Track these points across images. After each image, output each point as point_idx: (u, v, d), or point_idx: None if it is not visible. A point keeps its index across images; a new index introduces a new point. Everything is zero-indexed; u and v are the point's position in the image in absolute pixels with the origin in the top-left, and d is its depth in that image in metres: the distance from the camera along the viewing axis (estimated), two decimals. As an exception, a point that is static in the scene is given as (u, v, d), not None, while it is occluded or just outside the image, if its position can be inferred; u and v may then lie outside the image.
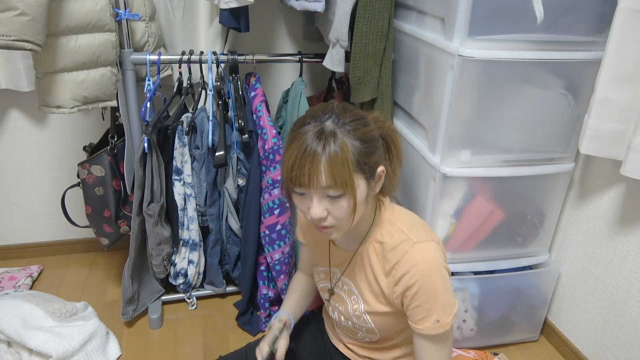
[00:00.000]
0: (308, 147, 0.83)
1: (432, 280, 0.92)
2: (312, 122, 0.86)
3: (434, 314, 0.92)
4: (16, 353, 1.50)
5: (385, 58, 1.49)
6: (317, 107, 0.91)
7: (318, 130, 0.84)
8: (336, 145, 0.83)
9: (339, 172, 0.83)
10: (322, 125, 0.85)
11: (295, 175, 0.84)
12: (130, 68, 1.54)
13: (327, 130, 0.84)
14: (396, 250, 0.94)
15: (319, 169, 0.82)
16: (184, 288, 1.81)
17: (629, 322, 1.42)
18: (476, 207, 1.47)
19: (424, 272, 0.91)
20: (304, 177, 0.83)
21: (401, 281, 0.93)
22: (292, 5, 1.54)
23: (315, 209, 0.87)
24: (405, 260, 0.92)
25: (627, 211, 1.40)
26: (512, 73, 1.30)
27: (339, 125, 0.85)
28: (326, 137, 0.83)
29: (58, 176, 2.00)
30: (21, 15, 1.19)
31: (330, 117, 0.87)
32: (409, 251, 0.93)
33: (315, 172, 0.83)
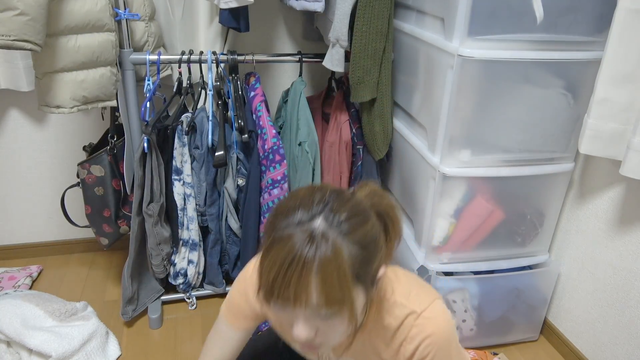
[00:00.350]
0: (295, 257, 0.65)
1: (449, 344, 0.84)
2: (300, 215, 0.68)
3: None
4: (16, 353, 1.50)
5: (385, 58, 1.49)
6: (306, 194, 0.72)
7: (307, 235, 0.66)
8: (331, 255, 0.65)
9: (333, 289, 0.66)
10: (311, 224, 0.67)
11: (278, 290, 0.66)
12: (130, 68, 1.54)
13: (318, 234, 0.66)
14: (402, 328, 0.84)
15: (309, 285, 0.65)
16: (183, 288, 1.81)
17: (629, 322, 1.42)
18: (476, 207, 1.47)
19: (439, 342, 0.83)
20: (289, 293, 0.66)
21: (414, 356, 0.84)
22: (292, 5, 1.54)
23: (301, 330, 0.70)
24: (414, 334, 0.83)
25: (626, 211, 1.40)
26: (512, 73, 1.30)
27: (333, 225, 0.67)
28: (318, 244, 0.66)
29: (58, 176, 2.00)
30: (21, 15, 1.18)
31: (322, 212, 0.69)
32: (414, 324, 0.83)
33: (304, 288, 0.65)
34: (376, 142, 1.61)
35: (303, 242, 0.66)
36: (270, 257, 0.67)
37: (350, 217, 0.69)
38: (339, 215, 0.69)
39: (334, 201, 0.71)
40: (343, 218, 0.69)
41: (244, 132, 1.56)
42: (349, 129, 1.69)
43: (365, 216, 0.72)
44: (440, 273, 1.53)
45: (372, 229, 0.72)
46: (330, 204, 0.70)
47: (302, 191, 0.73)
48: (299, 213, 0.69)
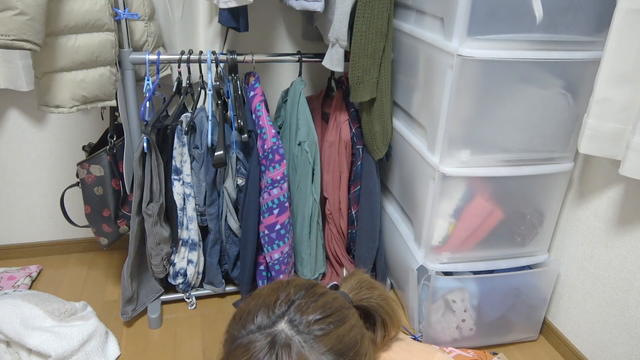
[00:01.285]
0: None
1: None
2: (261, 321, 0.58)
3: None
4: (15, 353, 1.50)
5: (385, 58, 1.49)
6: (269, 292, 0.61)
7: (268, 343, 0.56)
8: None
9: None
10: (273, 330, 0.57)
11: None
12: (129, 68, 1.54)
13: (280, 341, 0.55)
14: None
15: None
16: (183, 288, 1.80)
17: (629, 322, 1.42)
18: (475, 207, 1.47)
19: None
20: None
21: None
22: (292, 5, 1.54)
23: None
24: None
25: (626, 211, 1.40)
26: (512, 73, 1.30)
27: (299, 330, 0.56)
28: (278, 354, 0.55)
29: (57, 176, 2.00)
30: (20, 15, 1.18)
31: (286, 313, 0.58)
32: None
33: None
34: (376, 141, 1.61)
35: (262, 352, 0.54)
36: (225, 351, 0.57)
37: (322, 318, 0.57)
38: (307, 316, 0.57)
39: (302, 299, 0.59)
40: (312, 319, 0.57)
41: (243, 131, 1.56)
42: (349, 129, 1.69)
43: (341, 316, 0.59)
44: (439, 273, 1.53)
45: (351, 332, 0.59)
46: (298, 302, 0.58)
47: (266, 289, 0.62)
48: (260, 316, 0.57)
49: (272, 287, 0.62)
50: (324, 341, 0.56)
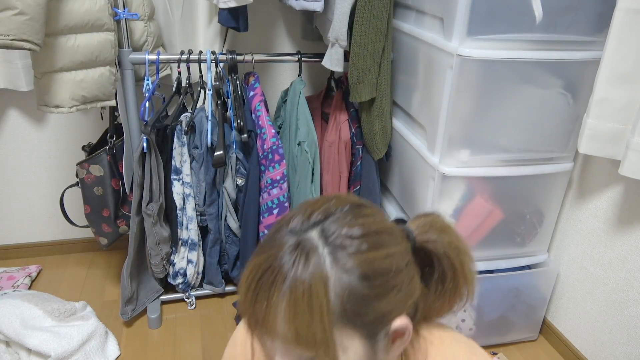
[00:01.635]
0: (268, 269, 0.52)
1: None
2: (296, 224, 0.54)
3: None
4: (15, 353, 1.50)
5: (384, 58, 1.49)
6: (316, 201, 0.57)
7: (293, 245, 0.52)
8: (309, 276, 0.50)
9: (305, 322, 0.50)
10: (302, 236, 0.53)
11: (244, 310, 0.54)
12: (129, 67, 1.54)
13: (306, 248, 0.52)
14: None
15: (276, 310, 0.51)
16: (183, 288, 1.80)
17: (628, 322, 1.42)
18: (475, 207, 1.47)
19: None
20: (254, 317, 0.53)
21: None
22: (291, 4, 1.54)
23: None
24: None
25: (625, 211, 1.40)
26: (511, 73, 1.30)
27: (329, 241, 0.52)
28: (298, 258, 0.51)
29: (57, 176, 2.00)
30: (20, 15, 1.18)
31: (322, 223, 0.54)
32: None
33: (270, 314, 0.51)
34: (375, 141, 1.61)
35: (284, 253, 0.52)
36: (248, 266, 0.54)
37: (356, 236, 0.53)
38: (340, 230, 0.53)
39: (341, 213, 0.55)
40: (344, 234, 0.53)
41: (243, 131, 1.56)
42: (348, 129, 1.69)
43: (378, 241, 0.54)
44: (439, 273, 1.53)
45: (385, 260, 0.53)
46: (336, 216, 0.54)
47: (314, 199, 0.58)
48: (295, 220, 0.55)
49: (319, 197, 0.59)
50: (350, 259, 0.52)
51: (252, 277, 0.52)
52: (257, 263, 0.53)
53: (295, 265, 0.50)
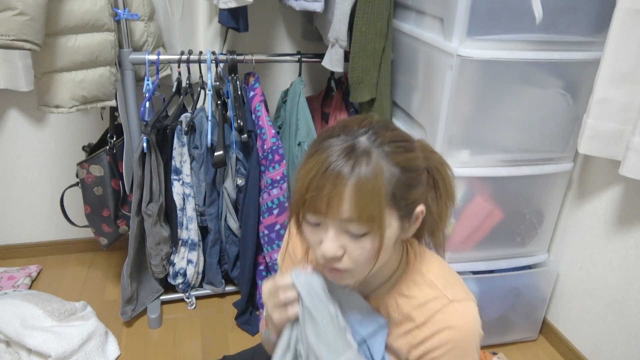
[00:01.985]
0: (332, 164, 0.65)
1: (468, 349, 0.75)
2: (343, 135, 0.68)
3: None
4: (15, 353, 1.50)
5: (384, 58, 1.49)
6: (352, 119, 0.72)
7: (348, 146, 0.66)
8: (369, 168, 0.65)
9: (367, 203, 0.64)
10: (354, 140, 0.67)
11: (311, 198, 0.66)
12: (129, 68, 1.54)
13: (360, 148, 0.66)
14: (425, 307, 0.77)
15: (342, 195, 0.64)
16: (183, 288, 1.80)
17: (628, 322, 1.42)
18: (475, 207, 1.47)
19: (460, 338, 0.74)
20: (322, 201, 0.65)
21: (425, 343, 0.76)
22: (291, 5, 1.54)
23: (329, 245, 0.68)
24: (437, 320, 0.75)
25: (625, 211, 1.40)
26: (511, 73, 1.30)
27: (376, 144, 0.67)
28: (357, 155, 0.65)
29: (57, 176, 2.00)
30: (20, 15, 1.18)
31: (367, 132, 0.68)
32: (441, 310, 0.75)
33: (337, 198, 0.65)
34: (375, 142, 1.61)
35: (341, 154, 0.66)
36: (306, 166, 0.67)
37: (395, 141, 0.69)
38: (383, 137, 0.68)
39: (380, 127, 0.70)
40: (387, 140, 0.68)
41: (243, 132, 1.56)
42: (348, 129, 1.69)
43: (410, 146, 0.71)
44: (439, 273, 1.53)
45: (417, 160, 0.71)
46: (376, 128, 0.70)
47: (350, 118, 0.73)
48: (343, 131, 0.69)
49: (357, 118, 0.72)
50: (396, 157, 0.67)
51: (315, 172, 0.66)
52: (319, 161, 0.66)
53: (358, 160, 0.65)
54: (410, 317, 0.78)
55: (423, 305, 0.77)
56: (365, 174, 0.64)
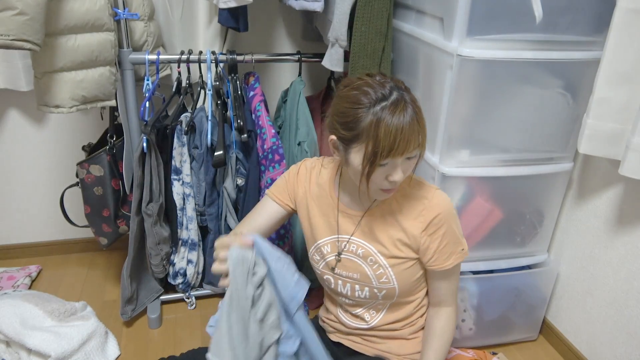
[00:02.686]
0: (404, 117, 0.90)
1: (454, 218, 1.07)
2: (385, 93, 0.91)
3: (459, 244, 1.07)
4: (15, 353, 1.50)
5: (384, 58, 1.49)
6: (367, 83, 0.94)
7: (402, 102, 0.91)
8: (417, 111, 0.92)
9: (424, 134, 0.94)
10: (398, 95, 0.91)
11: (398, 145, 0.90)
12: (129, 67, 1.54)
13: (407, 100, 0.92)
14: (421, 197, 1.06)
15: (416, 134, 0.91)
16: (183, 288, 1.80)
17: (628, 322, 1.42)
18: (475, 207, 1.47)
19: (449, 212, 1.05)
20: (404, 144, 0.90)
21: (431, 223, 1.04)
22: (291, 4, 1.54)
23: (400, 175, 0.94)
24: (433, 204, 1.04)
25: (625, 211, 1.40)
26: (511, 73, 1.30)
27: (405, 93, 0.93)
28: (410, 105, 0.91)
29: (57, 176, 2.00)
30: (20, 15, 1.18)
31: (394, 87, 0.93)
32: (434, 197, 1.05)
33: (414, 138, 0.91)
34: (375, 141, 1.61)
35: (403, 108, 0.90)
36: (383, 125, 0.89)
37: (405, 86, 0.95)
38: (400, 84, 0.94)
39: (390, 77, 0.95)
40: (403, 87, 0.94)
41: (243, 131, 1.56)
42: (348, 129, 1.69)
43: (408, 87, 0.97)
44: (439, 273, 1.53)
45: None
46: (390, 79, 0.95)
47: (362, 83, 0.94)
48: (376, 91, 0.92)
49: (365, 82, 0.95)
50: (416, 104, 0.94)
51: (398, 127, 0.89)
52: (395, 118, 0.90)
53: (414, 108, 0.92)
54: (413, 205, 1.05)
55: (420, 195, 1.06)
56: (419, 115, 0.92)
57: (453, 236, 1.06)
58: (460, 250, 1.08)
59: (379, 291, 1.10)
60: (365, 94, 0.92)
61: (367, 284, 1.10)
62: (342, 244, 1.11)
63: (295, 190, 1.18)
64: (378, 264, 1.08)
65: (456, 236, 1.07)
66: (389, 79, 0.95)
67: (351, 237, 1.10)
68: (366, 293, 1.11)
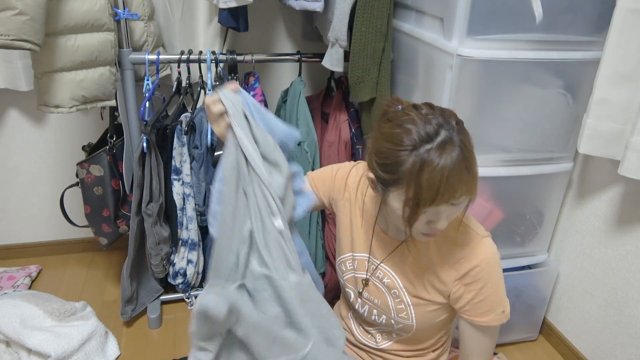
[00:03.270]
0: (450, 161, 0.79)
1: (497, 274, 0.96)
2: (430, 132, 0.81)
3: (499, 306, 0.96)
4: (15, 353, 1.50)
5: (384, 58, 1.49)
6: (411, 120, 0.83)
7: (449, 143, 0.80)
8: (468, 155, 0.82)
9: (473, 180, 0.84)
10: (446, 135, 0.81)
11: (442, 194, 0.81)
12: (129, 68, 1.54)
13: (455, 141, 0.81)
14: (465, 244, 0.96)
15: (464, 181, 0.82)
16: (183, 288, 1.80)
17: (628, 322, 1.42)
18: (475, 207, 1.46)
19: (491, 267, 0.95)
20: (453, 193, 0.81)
21: (468, 274, 0.94)
22: (291, 4, 1.54)
23: (444, 224, 0.87)
24: (475, 254, 0.95)
25: (625, 211, 1.40)
26: (511, 73, 1.30)
27: (454, 132, 0.82)
28: (459, 147, 0.81)
29: (57, 176, 2.00)
30: (20, 15, 1.18)
31: (442, 124, 0.83)
32: (477, 246, 0.95)
33: (462, 186, 0.82)
34: (375, 141, 1.61)
35: (450, 152, 0.79)
36: (428, 172, 0.80)
37: (457, 121, 0.85)
38: (450, 118, 0.84)
39: (440, 110, 0.85)
40: (453, 122, 0.84)
41: (243, 131, 1.56)
42: (348, 129, 1.69)
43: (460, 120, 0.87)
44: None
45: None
46: (439, 113, 0.84)
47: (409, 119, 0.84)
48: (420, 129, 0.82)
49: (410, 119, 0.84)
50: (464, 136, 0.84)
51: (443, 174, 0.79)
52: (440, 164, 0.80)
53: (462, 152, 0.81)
54: (453, 252, 0.96)
55: (463, 242, 0.96)
56: (468, 160, 0.82)
57: (494, 294, 0.96)
58: (500, 312, 0.97)
59: (396, 323, 1.05)
60: (408, 134, 0.82)
61: (386, 313, 1.05)
62: (372, 266, 1.06)
63: (338, 190, 1.10)
64: (400, 299, 1.02)
65: (497, 294, 0.97)
66: (437, 112, 0.84)
67: (380, 264, 1.04)
68: (383, 320, 1.06)
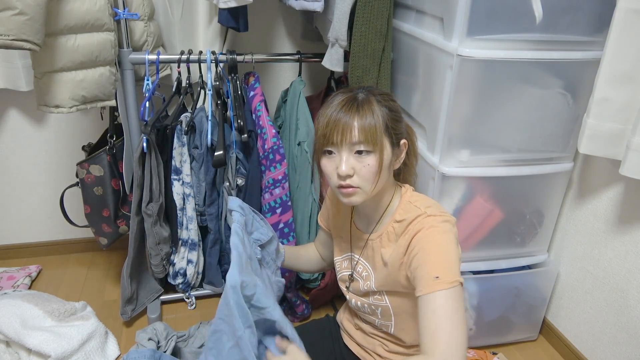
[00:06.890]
0: (343, 107, 0.94)
1: (434, 240, 0.92)
2: (344, 94, 0.98)
3: (433, 270, 0.87)
4: (15, 353, 1.50)
5: (384, 58, 1.49)
6: (346, 88, 1.02)
7: (351, 96, 0.96)
8: (368, 108, 0.94)
9: (370, 129, 0.93)
10: (354, 93, 0.97)
11: (330, 131, 0.93)
12: (129, 67, 1.54)
13: (360, 97, 0.96)
14: (411, 223, 0.98)
15: (352, 125, 0.93)
16: (183, 288, 1.80)
17: (628, 322, 1.42)
18: (475, 207, 1.47)
19: (428, 235, 0.92)
20: (338, 132, 0.93)
21: (408, 248, 0.96)
22: (291, 4, 1.54)
23: (343, 165, 0.94)
24: (416, 228, 0.96)
25: (625, 211, 1.40)
26: (511, 73, 1.30)
27: (369, 94, 0.97)
28: (359, 102, 0.95)
29: (57, 176, 2.00)
30: (20, 15, 1.18)
31: (361, 90, 0.99)
32: (418, 221, 0.96)
33: (349, 128, 0.92)
34: (375, 141, 1.61)
35: (347, 101, 0.95)
36: (324, 113, 0.96)
37: (382, 94, 0.99)
38: (374, 92, 0.99)
39: (370, 87, 1.01)
40: (377, 93, 0.99)
41: (243, 131, 1.56)
42: (348, 129, 1.69)
43: (393, 98, 1.02)
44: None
45: (398, 107, 1.01)
46: (367, 88, 1.00)
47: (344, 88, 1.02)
48: (342, 93, 0.98)
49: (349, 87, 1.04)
50: (384, 102, 0.98)
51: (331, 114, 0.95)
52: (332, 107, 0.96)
53: (361, 104, 0.95)
54: (404, 236, 0.98)
55: (410, 222, 0.98)
56: (366, 110, 0.94)
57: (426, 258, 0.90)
58: (433, 277, 0.86)
59: (376, 308, 1.09)
60: (339, 92, 1.00)
61: (366, 301, 1.11)
62: (353, 262, 1.14)
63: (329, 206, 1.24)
64: (370, 283, 1.08)
65: (431, 257, 0.89)
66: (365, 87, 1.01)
67: (360, 258, 1.12)
68: (367, 309, 1.12)
